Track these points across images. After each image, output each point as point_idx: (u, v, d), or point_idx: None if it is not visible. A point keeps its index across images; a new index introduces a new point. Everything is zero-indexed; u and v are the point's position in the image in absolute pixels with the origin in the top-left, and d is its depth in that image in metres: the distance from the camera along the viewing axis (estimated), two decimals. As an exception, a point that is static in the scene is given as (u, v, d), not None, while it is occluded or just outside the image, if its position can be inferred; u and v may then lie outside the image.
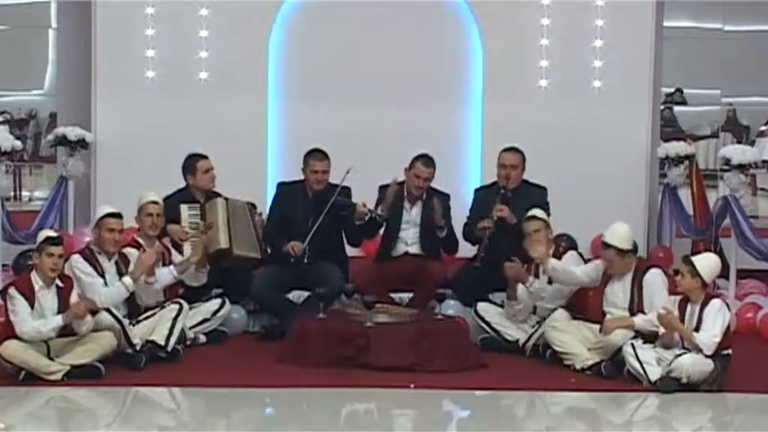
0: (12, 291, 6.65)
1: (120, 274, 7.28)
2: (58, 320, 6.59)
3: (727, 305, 6.80)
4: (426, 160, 8.16)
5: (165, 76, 9.83)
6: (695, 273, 6.69)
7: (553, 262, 7.33)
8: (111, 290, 7.13)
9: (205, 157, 8.27)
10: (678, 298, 6.85)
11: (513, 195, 8.03)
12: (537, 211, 7.52)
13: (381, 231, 8.30)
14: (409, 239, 8.25)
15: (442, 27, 9.95)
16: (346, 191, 8.08)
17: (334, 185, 8.05)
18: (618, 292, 7.15)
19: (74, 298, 6.80)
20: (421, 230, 8.23)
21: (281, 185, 8.48)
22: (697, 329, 6.65)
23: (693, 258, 6.84)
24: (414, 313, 7.50)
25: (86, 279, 7.10)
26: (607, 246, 7.14)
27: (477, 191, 8.51)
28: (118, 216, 7.30)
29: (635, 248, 7.24)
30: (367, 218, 7.98)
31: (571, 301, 7.47)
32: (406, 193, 8.25)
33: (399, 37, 9.86)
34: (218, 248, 7.95)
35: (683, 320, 6.74)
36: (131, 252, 7.49)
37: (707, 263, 6.80)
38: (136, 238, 7.67)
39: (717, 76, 10.78)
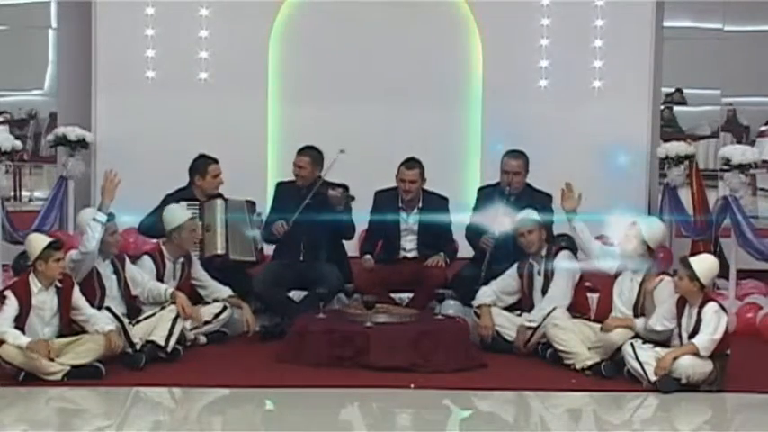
0: (7, 293, 6.66)
1: (116, 273, 7.31)
2: (23, 342, 6.49)
3: (724, 308, 6.78)
4: (409, 163, 8.18)
5: (165, 76, 9.84)
6: (694, 277, 6.68)
7: (580, 224, 7.41)
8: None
9: (216, 161, 8.27)
10: (675, 298, 6.84)
11: (517, 200, 8.02)
12: (528, 212, 7.57)
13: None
14: (408, 246, 8.26)
15: (442, 27, 9.95)
16: (344, 188, 8.08)
17: (335, 184, 8.06)
18: (627, 288, 7.15)
19: (76, 296, 6.82)
20: (419, 238, 8.23)
21: (279, 184, 8.50)
22: (695, 330, 6.65)
23: (691, 260, 6.80)
24: (414, 313, 7.50)
25: None
26: (635, 225, 7.16)
27: (480, 190, 8.50)
28: (113, 218, 7.31)
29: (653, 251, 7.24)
30: (341, 199, 7.97)
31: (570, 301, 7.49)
32: (401, 203, 8.25)
33: (399, 37, 9.87)
34: (214, 253, 7.99)
35: (680, 320, 6.74)
36: (144, 260, 7.57)
37: (705, 266, 6.76)
38: (162, 248, 7.68)
39: (717, 76, 10.77)
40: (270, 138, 9.92)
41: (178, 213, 7.75)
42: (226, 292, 7.84)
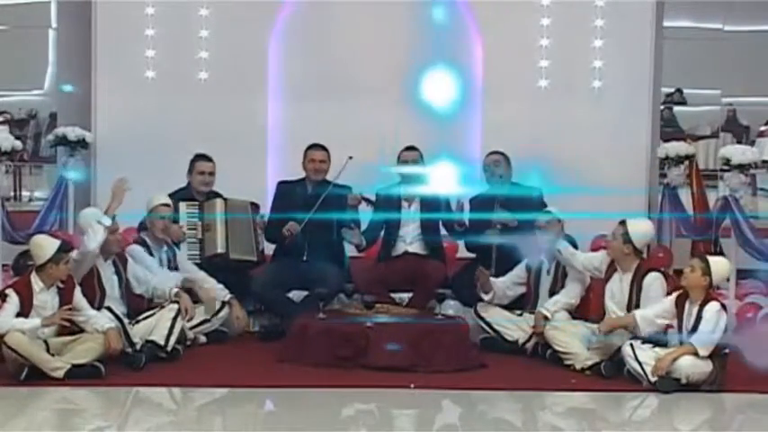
0: (9, 291, 6.67)
1: (118, 274, 7.31)
2: (36, 322, 6.56)
3: (725, 308, 6.79)
4: (408, 147, 8.32)
5: (165, 76, 9.83)
6: (707, 271, 6.70)
7: (562, 243, 7.39)
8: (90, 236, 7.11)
9: (207, 160, 8.28)
10: (676, 294, 6.84)
11: (508, 200, 8.04)
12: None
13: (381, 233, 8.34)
14: (409, 237, 8.26)
15: (442, 27, 9.95)
16: (347, 190, 8.10)
17: (337, 184, 8.07)
18: (617, 290, 7.16)
19: (77, 297, 6.83)
20: (421, 226, 8.24)
21: (281, 184, 8.51)
22: (695, 328, 6.65)
23: (710, 258, 6.86)
24: (414, 313, 7.50)
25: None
26: (623, 224, 7.15)
27: (471, 200, 8.48)
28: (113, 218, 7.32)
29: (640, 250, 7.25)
30: (359, 204, 8.05)
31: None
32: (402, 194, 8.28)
33: (399, 37, 9.86)
34: (214, 252, 8.00)
35: (681, 317, 6.74)
36: (135, 249, 7.55)
37: (720, 266, 6.84)
38: (143, 237, 7.68)
39: (717, 76, 10.76)
40: (270, 137, 9.92)
41: (154, 198, 7.81)
42: (215, 285, 7.83)
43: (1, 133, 8.91)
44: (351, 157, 8.02)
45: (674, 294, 6.85)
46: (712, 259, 6.87)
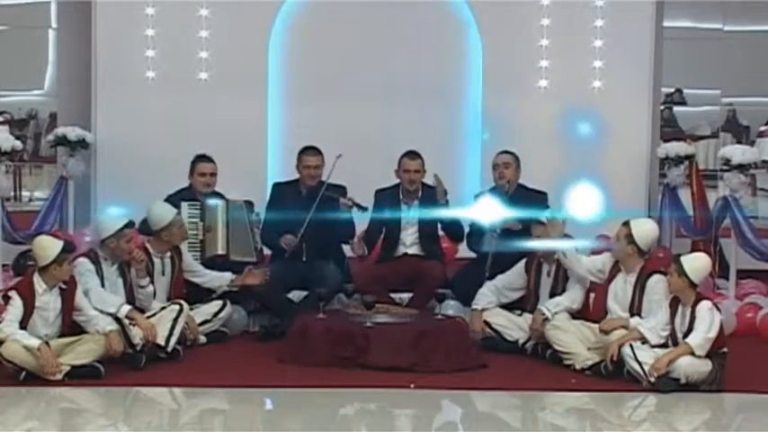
0: (12, 293, 6.66)
1: (123, 276, 7.28)
2: (35, 343, 6.51)
3: (717, 306, 6.78)
4: (411, 154, 8.23)
5: (165, 76, 9.85)
6: (682, 272, 6.67)
7: (568, 249, 7.34)
8: (106, 296, 7.08)
9: (208, 161, 8.25)
10: (668, 300, 6.84)
11: (512, 200, 8.03)
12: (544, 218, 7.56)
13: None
14: (408, 240, 8.26)
15: (442, 27, 9.96)
16: (341, 189, 8.10)
17: (330, 184, 8.08)
18: (621, 290, 7.16)
19: (78, 297, 6.82)
20: (419, 230, 8.23)
21: (276, 186, 8.51)
22: (689, 330, 6.64)
23: (682, 258, 6.82)
24: (414, 313, 7.50)
25: (88, 283, 7.08)
26: (626, 225, 7.15)
27: (476, 197, 8.48)
28: (133, 225, 7.30)
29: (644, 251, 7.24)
30: (352, 208, 8.02)
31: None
32: (401, 195, 8.27)
33: (399, 37, 9.88)
34: (215, 253, 8.00)
35: (673, 319, 6.73)
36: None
37: (694, 263, 6.77)
38: (146, 246, 7.64)
39: (717, 76, 10.77)
40: (270, 138, 9.93)
41: (164, 212, 7.68)
42: (224, 277, 7.85)
43: (1, 133, 8.92)
44: (339, 156, 8.01)
45: (668, 301, 6.85)
46: (684, 258, 6.81)
